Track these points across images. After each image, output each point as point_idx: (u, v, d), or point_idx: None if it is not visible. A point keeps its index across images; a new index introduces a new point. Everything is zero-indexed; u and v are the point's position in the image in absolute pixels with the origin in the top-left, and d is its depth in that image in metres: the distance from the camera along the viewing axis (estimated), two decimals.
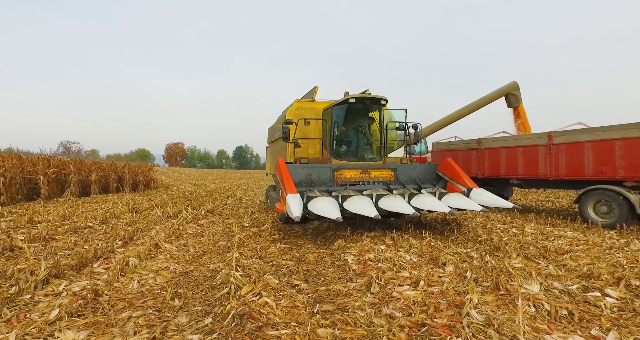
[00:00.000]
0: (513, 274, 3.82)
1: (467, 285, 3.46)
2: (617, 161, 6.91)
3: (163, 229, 6.92)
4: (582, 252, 4.81)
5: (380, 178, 7.14)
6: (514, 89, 10.69)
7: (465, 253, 4.83)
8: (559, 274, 3.87)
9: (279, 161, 6.47)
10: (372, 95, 7.34)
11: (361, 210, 5.47)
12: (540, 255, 4.62)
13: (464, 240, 5.68)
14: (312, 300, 3.31)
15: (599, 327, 2.64)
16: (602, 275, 3.73)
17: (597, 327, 2.65)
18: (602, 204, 7.11)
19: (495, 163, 9.17)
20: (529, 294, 3.17)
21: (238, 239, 5.70)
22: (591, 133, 7.28)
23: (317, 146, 8.28)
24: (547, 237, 5.75)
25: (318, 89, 8.58)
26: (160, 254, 5.09)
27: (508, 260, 4.40)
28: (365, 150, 7.87)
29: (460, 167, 7.02)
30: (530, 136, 8.46)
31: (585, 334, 2.53)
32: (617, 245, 5.30)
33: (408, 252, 4.92)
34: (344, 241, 5.64)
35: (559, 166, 7.75)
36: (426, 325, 2.70)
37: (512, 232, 6.20)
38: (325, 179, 6.84)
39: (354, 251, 5.03)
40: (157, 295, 3.44)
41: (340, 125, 7.78)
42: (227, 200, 13.24)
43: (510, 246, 5.16)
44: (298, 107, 8.32)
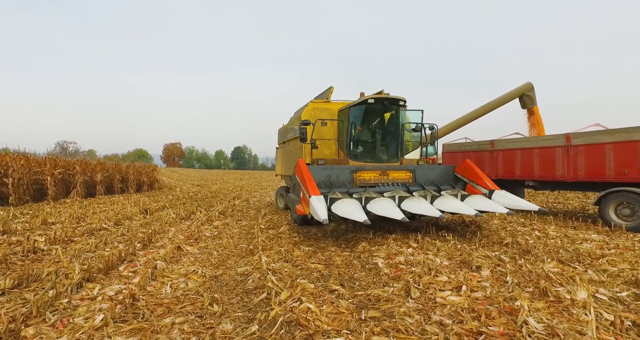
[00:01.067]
0: (553, 279, 3.75)
1: (513, 291, 3.38)
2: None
3: (179, 230, 6.82)
4: (616, 256, 4.74)
5: (399, 179, 7.06)
6: (528, 89, 10.65)
7: (495, 256, 4.75)
8: (602, 280, 3.79)
9: (299, 162, 6.38)
10: (391, 96, 7.27)
11: (386, 213, 5.39)
12: (574, 260, 4.55)
13: (488, 243, 5.61)
14: (355, 306, 3.21)
15: None
16: None
17: None
18: (624, 207, 7.05)
19: (510, 164, 9.11)
20: (585, 301, 3.08)
21: (261, 241, 5.60)
22: (613, 134, 7.22)
23: (332, 147, 8.19)
24: (573, 241, 5.68)
25: (333, 89, 8.49)
26: (183, 257, 4.99)
27: (542, 264, 4.33)
28: (383, 151, 7.79)
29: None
30: (547, 137, 8.40)
31: None
32: None
33: (437, 255, 4.83)
34: (368, 244, 5.55)
35: (578, 168, 7.69)
36: (483, 333, 2.61)
37: (535, 235, 6.13)
38: (345, 181, 6.75)
39: (382, 254, 4.94)
40: (194, 301, 3.34)
41: (358, 125, 7.70)
42: (234, 201, 13.12)
43: (539, 249, 5.08)
44: (313, 108, 8.23)
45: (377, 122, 7.95)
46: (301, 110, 8.69)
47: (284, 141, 10.10)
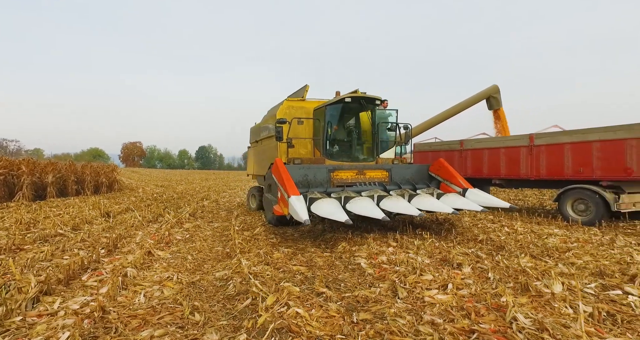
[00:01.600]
0: (530, 274, 3.89)
1: (497, 287, 3.45)
2: (594, 162, 7.36)
3: (147, 234, 6.41)
4: (579, 249, 5.02)
5: (376, 179, 7.09)
6: (494, 92, 11.15)
7: (473, 253, 4.88)
8: (572, 273, 3.98)
9: (277, 162, 6.21)
10: (368, 95, 7.28)
11: (367, 212, 5.37)
12: (544, 254, 4.76)
13: (464, 240, 5.76)
14: (344, 308, 3.13)
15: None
16: (615, 273, 3.89)
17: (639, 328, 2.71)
18: (579, 203, 7.54)
19: (478, 163, 9.47)
20: (564, 295, 3.21)
21: (238, 243, 5.38)
22: (571, 135, 7.70)
23: (308, 146, 8.08)
24: (540, 236, 5.97)
25: (309, 87, 8.38)
26: (155, 263, 4.67)
27: (517, 259, 4.49)
28: (359, 150, 7.80)
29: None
30: (512, 138, 8.82)
31: (635, 336, 2.57)
32: (605, 241, 5.60)
33: (417, 253, 4.88)
34: (348, 244, 5.51)
35: (540, 166, 8.14)
36: (475, 331, 2.63)
37: (505, 231, 6.39)
38: (322, 180, 6.68)
39: (363, 254, 4.91)
40: (173, 310, 3.11)
41: (334, 124, 7.65)
42: (202, 202, 12.64)
43: (512, 245, 5.29)
44: (289, 106, 8.07)
45: (353, 121, 7.95)
46: (276, 108, 8.50)
47: (256, 140, 9.84)
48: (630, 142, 6.98)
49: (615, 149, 7.14)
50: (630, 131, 6.99)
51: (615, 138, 7.16)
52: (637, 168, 6.88)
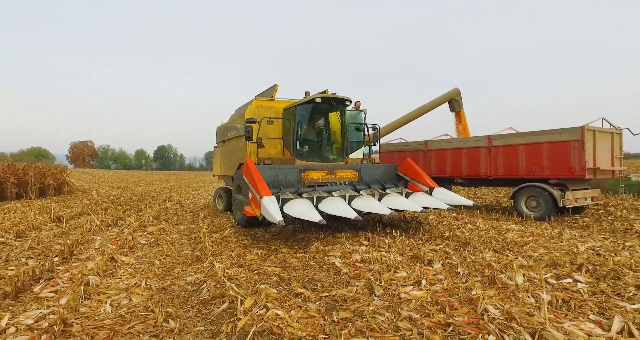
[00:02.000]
0: (495, 267, 4.13)
1: (467, 281, 3.63)
2: (544, 162, 7.96)
3: (107, 239, 6.04)
4: (534, 243, 5.41)
5: (346, 179, 7.18)
6: (456, 94, 11.71)
7: (441, 249, 5.08)
8: (530, 265, 4.28)
9: (247, 162, 6.10)
10: (338, 96, 7.35)
11: (340, 212, 5.42)
12: (505, 248, 5.07)
13: (431, 238, 5.99)
14: (324, 308, 3.14)
15: (590, 312, 2.97)
16: (565, 264, 4.23)
17: (589, 312, 2.97)
18: (531, 199, 8.12)
19: (442, 163, 9.90)
20: (526, 286, 3.44)
21: (209, 246, 5.21)
22: (524, 137, 8.27)
23: (277, 146, 8.01)
24: (499, 231, 6.35)
25: (278, 87, 8.30)
26: (119, 269, 4.41)
27: (481, 254, 4.75)
28: (329, 150, 7.85)
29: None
30: (473, 139, 9.30)
31: (584, 319, 2.81)
32: (555, 235, 6.07)
33: (389, 251, 5.00)
34: (320, 244, 5.53)
35: (498, 166, 8.66)
36: (450, 324, 2.74)
37: (468, 228, 6.72)
38: (293, 181, 6.65)
39: (337, 253, 4.95)
40: (144, 318, 2.95)
41: (304, 124, 7.64)
42: (165, 204, 12.10)
43: (476, 241, 5.57)
44: (258, 106, 7.95)
45: (323, 121, 7.99)
46: (244, 107, 8.33)
47: (223, 140, 9.58)
48: (573, 144, 7.63)
49: (561, 150, 7.77)
50: (573, 134, 7.63)
51: (561, 140, 7.79)
52: (578, 167, 7.54)
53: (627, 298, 3.26)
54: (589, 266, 4.14)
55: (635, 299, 3.22)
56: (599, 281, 3.72)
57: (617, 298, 3.28)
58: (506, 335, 2.50)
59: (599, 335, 2.47)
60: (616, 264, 4.17)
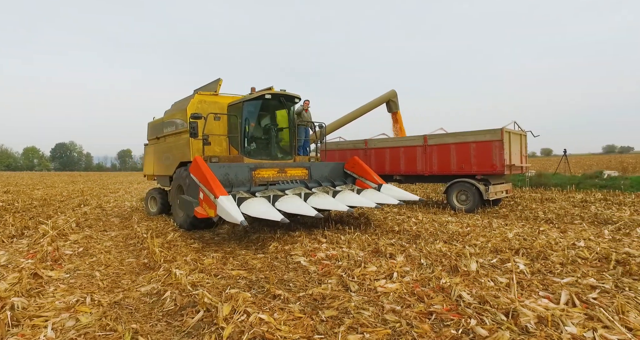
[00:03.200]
0: (450, 257, 4.47)
1: (433, 271, 3.86)
2: (471, 159, 8.89)
3: (15, 252, 5.10)
4: (473, 232, 6.00)
5: (297, 177, 7.12)
6: (393, 96, 12.40)
7: (397, 243, 5.34)
8: (477, 252, 4.73)
9: (197, 160, 5.67)
10: (287, 93, 7.24)
11: (298, 210, 5.35)
12: (452, 239, 5.53)
13: (383, 232, 6.25)
14: (309, 308, 3.06)
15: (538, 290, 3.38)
16: (505, 249, 4.77)
17: (537, 290, 3.39)
18: (461, 194, 9.00)
19: (381, 161, 10.40)
20: (483, 271, 3.78)
21: (159, 252, 4.69)
22: (455, 136, 9.12)
23: (223, 144, 7.60)
24: (440, 223, 6.91)
25: (222, 81, 7.87)
26: (48, 286, 3.74)
27: (434, 245, 5.10)
28: (277, 148, 7.69)
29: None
30: (410, 138, 9.96)
31: (537, 296, 3.20)
32: (486, 224, 6.82)
33: (350, 247, 5.09)
34: (279, 243, 5.39)
35: (432, 164, 9.41)
36: (433, 313, 2.89)
37: (413, 221, 7.18)
38: (244, 179, 6.38)
39: (299, 252, 4.88)
40: (106, 338, 2.54)
41: (251, 121, 7.36)
42: (81, 209, 10.61)
43: (425, 233, 5.97)
44: (201, 101, 7.43)
45: (271, 118, 7.80)
46: (184, 102, 7.72)
47: (157, 137, 8.75)
48: (494, 143, 8.65)
49: (485, 149, 8.75)
50: (494, 134, 8.66)
51: (485, 140, 8.78)
52: (499, 164, 8.58)
53: (558, 274, 3.80)
54: (522, 250, 4.73)
55: (564, 274, 3.77)
56: (534, 262, 4.26)
57: (551, 275, 3.80)
58: (484, 317, 2.72)
59: (554, 309, 2.82)
60: (541, 246, 4.84)
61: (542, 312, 2.68)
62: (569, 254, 4.34)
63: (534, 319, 2.59)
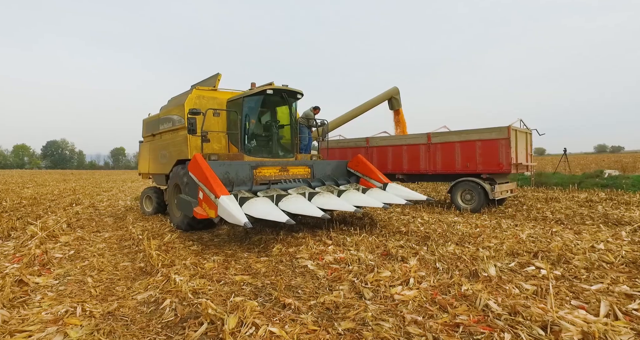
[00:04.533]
0: (466, 260, 4.23)
1: (452, 277, 3.61)
2: (477, 158, 8.67)
3: (1, 256, 4.76)
4: (484, 234, 5.76)
5: (299, 175, 6.85)
6: (396, 93, 12.14)
7: (406, 245, 5.09)
8: (493, 255, 4.49)
9: (196, 157, 5.37)
10: (290, 88, 6.95)
11: (305, 211, 5.08)
12: (464, 241, 5.29)
13: (390, 233, 6.00)
14: (324, 319, 2.80)
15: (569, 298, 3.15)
16: (523, 253, 4.53)
17: (567, 298, 3.15)
18: (466, 193, 8.78)
19: (383, 159, 10.15)
20: (506, 277, 3.53)
21: (157, 256, 4.39)
22: (459, 135, 8.90)
23: (222, 141, 7.30)
24: (448, 224, 6.67)
25: (221, 76, 7.56)
26: (35, 294, 3.43)
27: (445, 248, 4.86)
28: (279, 146, 7.41)
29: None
30: (413, 136, 9.72)
31: (570, 306, 2.96)
32: (495, 225, 6.59)
33: (358, 250, 4.83)
34: (282, 245, 5.12)
35: (436, 162, 9.18)
36: (460, 324, 2.64)
37: (419, 222, 6.94)
38: (245, 178, 6.10)
39: (305, 255, 4.61)
40: None
41: (252, 118, 7.07)
42: (73, 208, 10.24)
43: (433, 235, 5.73)
44: (199, 96, 7.12)
45: (273, 114, 7.51)
46: (182, 97, 7.40)
47: (154, 134, 8.41)
48: (501, 142, 8.44)
49: (491, 147, 8.53)
50: (501, 132, 8.44)
51: (491, 138, 8.57)
52: (505, 163, 8.37)
53: (585, 280, 3.57)
54: (541, 253, 4.50)
55: (592, 281, 3.54)
56: (555, 266, 4.03)
57: (577, 281, 3.57)
58: (519, 331, 2.47)
59: (595, 322, 2.58)
60: (559, 249, 4.62)
61: (583, 326, 2.44)
62: (591, 258, 4.12)
63: (578, 335, 2.34)
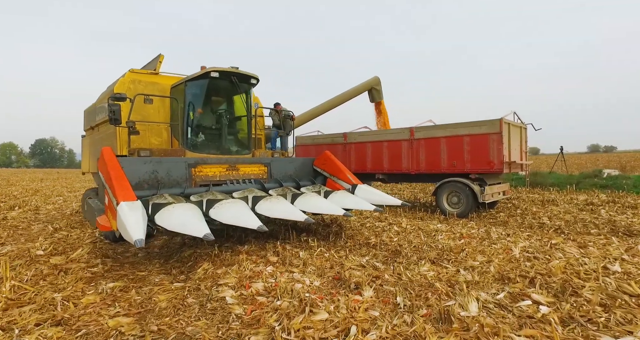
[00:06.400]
0: (439, 289, 3.16)
1: (413, 322, 2.52)
2: (465, 156, 7.60)
3: None
4: (468, 246, 4.70)
5: (252, 175, 5.76)
6: (376, 83, 11.05)
7: (368, 263, 4.02)
8: (476, 280, 3.43)
9: (103, 152, 4.25)
10: (241, 71, 5.84)
11: (237, 221, 3.97)
12: (442, 257, 4.22)
13: (355, 246, 4.92)
14: None
15: None
16: (515, 277, 3.47)
17: None
18: (453, 195, 7.72)
19: (362, 158, 9.08)
20: (482, 321, 2.46)
21: (10, 289, 3.25)
22: (445, 129, 7.83)
23: (163, 134, 6.17)
24: (428, 233, 5.60)
25: (163, 58, 6.43)
26: None
27: (417, 268, 3.80)
28: (230, 141, 6.30)
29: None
30: (394, 131, 8.64)
31: None
32: (483, 235, 5.54)
33: (304, 272, 3.75)
34: (212, 264, 4.02)
35: (420, 160, 8.11)
36: None
37: (395, 231, 5.86)
38: (179, 178, 4.99)
39: (231, 280, 3.51)
40: None
41: (197, 107, 5.94)
42: (10, 212, 9.05)
43: (407, 248, 4.66)
44: (133, 80, 5.98)
45: (224, 103, 6.40)
46: (116, 82, 6.26)
47: (92, 126, 7.27)
48: (492, 137, 7.38)
49: (480, 143, 7.48)
50: (492, 126, 7.38)
51: (481, 132, 7.51)
52: (497, 161, 7.31)
53: (604, 327, 2.51)
54: (538, 276, 3.45)
55: (614, 327, 2.48)
56: (559, 299, 2.97)
57: (592, 327, 2.51)
58: None
59: None
60: (562, 271, 3.57)
61: None
62: (607, 286, 3.07)
63: None
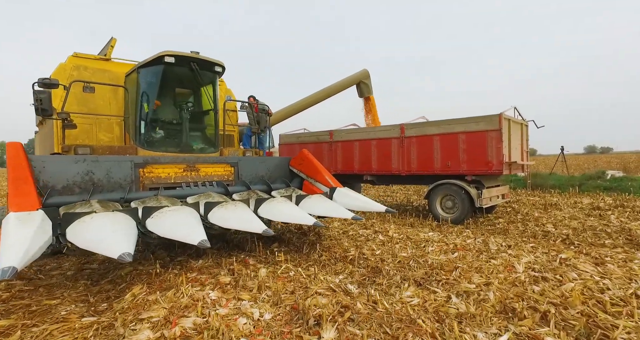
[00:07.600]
0: (424, 328, 2.40)
1: None
2: (460, 155, 6.85)
3: None
4: (462, 262, 3.95)
5: (215, 176, 4.99)
6: (365, 77, 10.27)
7: (340, 285, 3.25)
8: (472, 312, 2.67)
9: (9, 148, 3.45)
10: (202, 57, 5.05)
11: (175, 234, 3.19)
12: (431, 278, 3.45)
13: (330, 260, 4.16)
14: None
15: None
16: (523, 309, 2.71)
17: None
18: (447, 199, 6.97)
19: (349, 157, 8.31)
20: None
21: None
22: (439, 126, 7.08)
23: (115, 130, 5.39)
24: (417, 244, 4.85)
25: (116, 41, 5.64)
26: None
27: (399, 292, 3.04)
28: (193, 137, 5.52)
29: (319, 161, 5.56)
30: (383, 128, 7.87)
31: None
32: (480, 246, 4.79)
33: (256, 298, 2.97)
34: (147, 287, 3.25)
35: (411, 160, 7.35)
36: None
37: (379, 240, 5.10)
38: (122, 181, 4.21)
39: (159, 312, 2.73)
40: None
41: (153, 98, 5.15)
42: None
43: (390, 264, 3.90)
44: (77, 66, 5.18)
45: (187, 95, 5.62)
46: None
47: (40, 121, 6.47)
48: (490, 134, 6.63)
49: (478, 141, 6.72)
50: (490, 122, 6.62)
51: (478, 130, 6.75)
52: (496, 161, 6.57)
53: None
54: (551, 309, 2.69)
55: None
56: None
57: None
58: None
59: None
60: (581, 300, 2.82)
61: None
62: None
63: None
